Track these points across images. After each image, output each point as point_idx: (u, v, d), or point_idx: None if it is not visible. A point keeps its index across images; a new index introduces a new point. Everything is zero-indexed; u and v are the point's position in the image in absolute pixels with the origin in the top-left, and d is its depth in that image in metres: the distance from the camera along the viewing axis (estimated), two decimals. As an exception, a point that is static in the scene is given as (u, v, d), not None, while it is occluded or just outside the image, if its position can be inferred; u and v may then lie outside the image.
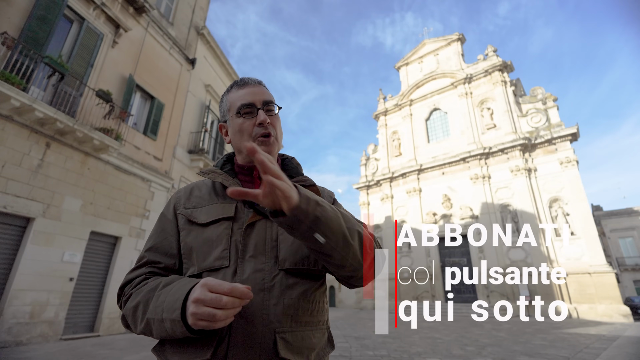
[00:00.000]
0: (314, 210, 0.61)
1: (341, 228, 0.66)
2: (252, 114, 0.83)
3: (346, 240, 0.67)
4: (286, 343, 0.68)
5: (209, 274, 0.71)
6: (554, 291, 14.22)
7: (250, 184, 0.86)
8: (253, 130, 0.82)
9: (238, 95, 0.85)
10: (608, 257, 24.95)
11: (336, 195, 0.99)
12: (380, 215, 22.33)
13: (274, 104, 0.86)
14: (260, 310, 0.68)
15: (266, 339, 0.66)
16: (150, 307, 0.65)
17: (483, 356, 5.49)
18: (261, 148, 0.81)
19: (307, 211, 0.60)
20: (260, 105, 0.83)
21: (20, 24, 6.22)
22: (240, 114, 0.83)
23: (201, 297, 0.57)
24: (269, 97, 0.86)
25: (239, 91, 0.85)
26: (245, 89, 0.85)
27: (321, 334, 0.78)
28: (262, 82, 0.90)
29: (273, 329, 0.67)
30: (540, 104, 17.58)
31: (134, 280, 0.75)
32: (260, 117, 0.81)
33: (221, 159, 0.93)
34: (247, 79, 0.88)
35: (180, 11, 11.42)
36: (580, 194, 14.88)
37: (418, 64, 23.98)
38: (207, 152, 11.37)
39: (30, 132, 6.15)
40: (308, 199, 0.61)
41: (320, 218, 0.62)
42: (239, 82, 0.88)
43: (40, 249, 6.14)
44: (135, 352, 5.54)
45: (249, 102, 0.83)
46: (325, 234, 0.63)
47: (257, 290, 0.69)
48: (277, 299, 0.70)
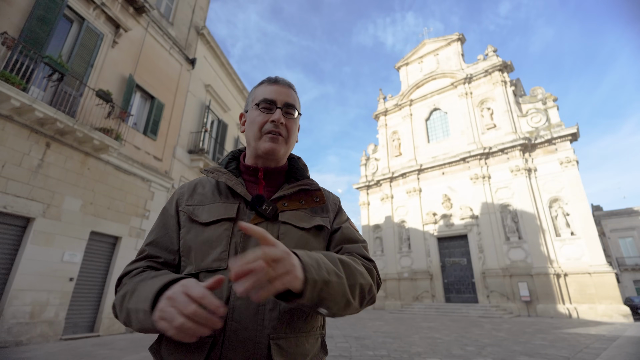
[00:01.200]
0: (319, 293, 0.60)
1: (345, 295, 0.65)
2: (270, 110, 0.84)
3: (347, 303, 0.67)
4: (280, 349, 0.67)
5: (206, 275, 0.70)
6: (554, 291, 14.21)
7: (254, 184, 0.85)
8: (265, 126, 0.83)
9: (265, 90, 0.86)
10: (608, 257, 24.97)
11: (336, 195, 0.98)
12: (380, 215, 22.31)
13: (295, 108, 0.87)
14: (256, 316, 0.67)
15: (260, 345, 0.66)
16: (133, 297, 0.65)
17: (483, 356, 5.49)
18: (268, 145, 0.82)
19: (309, 298, 0.59)
20: (281, 105, 0.84)
21: (20, 24, 6.22)
22: (260, 107, 0.84)
23: (173, 295, 0.54)
24: (293, 100, 0.87)
25: (268, 87, 0.86)
26: (274, 86, 0.86)
27: (315, 339, 0.77)
28: (293, 86, 0.90)
29: (267, 334, 0.67)
30: (540, 104, 17.57)
31: (132, 272, 0.75)
32: (276, 115, 0.82)
33: (226, 157, 0.93)
34: (281, 78, 0.89)
35: (180, 11, 11.43)
36: (580, 194, 14.87)
37: (418, 64, 23.98)
38: (207, 152, 11.37)
39: (30, 132, 6.15)
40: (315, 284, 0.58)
41: (326, 298, 0.61)
42: (272, 78, 0.89)
43: (40, 249, 6.14)
44: (135, 352, 5.54)
45: (272, 98, 0.84)
46: (329, 307, 0.63)
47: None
48: (274, 304, 0.69)
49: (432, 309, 16.39)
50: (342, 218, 0.90)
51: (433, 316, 14.68)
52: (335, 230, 0.86)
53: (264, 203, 0.77)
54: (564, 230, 14.99)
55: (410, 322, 11.58)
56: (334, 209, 0.91)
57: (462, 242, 17.98)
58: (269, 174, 0.86)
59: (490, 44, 20.32)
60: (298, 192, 0.84)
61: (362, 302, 0.72)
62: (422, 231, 19.51)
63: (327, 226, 0.85)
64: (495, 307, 15.07)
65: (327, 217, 0.87)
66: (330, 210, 0.89)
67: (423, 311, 16.40)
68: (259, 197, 0.77)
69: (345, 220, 0.90)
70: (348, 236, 0.85)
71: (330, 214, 0.88)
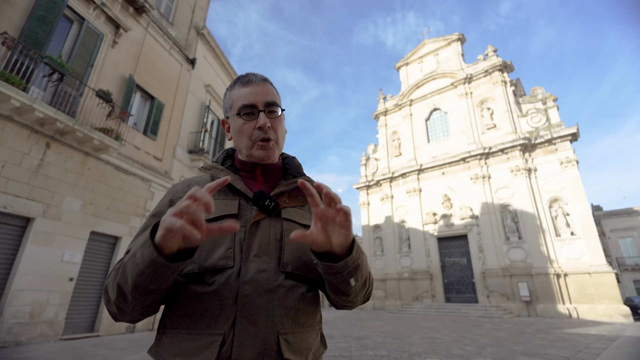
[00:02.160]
0: (358, 258, 0.67)
1: (367, 273, 0.73)
2: (253, 116, 0.81)
3: (364, 284, 0.73)
4: (288, 344, 0.68)
5: (212, 275, 0.69)
6: (554, 291, 14.21)
7: (252, 180, 0.85)
8: (253, 134, 0.81)
9: (240, 93, 0.83)
10: (608, 257, 24.96)
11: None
12: (380, 215, 22.30)
13: (277, 105, 0.84)
14: (265, 312, 0.67)
15: (270, 340, 0.66)
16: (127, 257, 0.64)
17: (483, 356, 5.49)
18: (261, 152, 0.81)
19: (355, 258, 0.66)
20: (262, 107, 0.81)
21: (20, 24, 6.22)
22: (241, 115, 0.81)
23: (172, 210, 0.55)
24: (272, 97, 0.83)
25: (242, 89, 0.83)
26: (248, 87, 0.82)
27: (315, 334, 0.78)
28: (267, 79, 0.86)
29: (276, 330, 0.67)
30: (540, 104, 17.57)
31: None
32: (261, 121, 0.79)
33: (221, 155, 0.92)
34: (252, 75, 0.85)
35: (180, 11, 11.43)
36: (580, 194, 14.87)
37: (418, 64, 23.98)
38: (207, 152, 11.37)
39: (30, 132, 6.15)
40: (359, 245, 0.66)
41: (360, 265, 0.68)
42: (243, 78, 0.85)
43: (40, 249, 6.14)
44: (135, 352, 5.54)
45: (251, 103, 0.81)
46: (357, 279, 0.69)
47: (261, 291, 0.68)
48: (280, 301, 0.70)
49: (432, 309, 16.39)
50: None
51: (433, 316, 14.68)
52: None
53: (267, 199, 0.76)
54: (564, 230, 14.98)
55: (410, 322, 11.58)
56: None
57: (462, 242, 17.98)
58: (266, 170, 0.86)
59: (490, 44, 20.32)
60: (296, 189, 0.84)
61: (366, 291, 0.78)
62: (422, 231, 19.50)
63: None
64: (495, 307, 15.07)
65: None
66: None
67: (423, 311, 16.39)
68: (261, 193, 0.76)
69: None
70: None
71: None
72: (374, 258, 21.79)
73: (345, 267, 0.65)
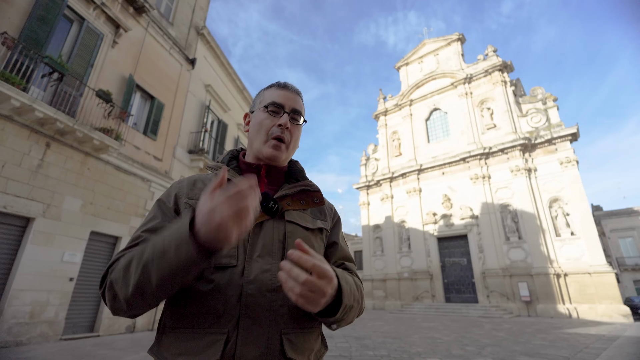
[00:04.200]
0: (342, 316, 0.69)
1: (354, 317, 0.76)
2: (277, 114, 0.85)
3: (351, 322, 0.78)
4: (291, 344, 0.69)
5: (215, 272, 0.69)
6: (554, 291, 14.21)
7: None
8: (271, 129, 0.84)
9: (274, 93, 0.88)
10: (608, 257, 24.96)
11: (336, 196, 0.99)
12: (380, 215, 22.31)
13: (301, 115, 0.89)
14: (268, 311, 0.68)
15: (273, 340, 0.67)
16: (147, 252, 0.60)
17: (483, 356, 5.49)
18: (271, 151, 0.83)
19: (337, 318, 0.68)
20: (289, 110, 0.86)
21: (20, 24, 6.21)
22: (267, 109, 0.86)
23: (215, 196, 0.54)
24: (300, 107, 0.89)
25: (277, 91, 0.88)
26: (283, 91, 0.88)
27: (317, 335, 0.79)
28: (301, 93, 0.93)
29: (279, 330, 0.68)
30: (540, 104, 17.57)
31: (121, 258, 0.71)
32: (283, 120, 0.84)
33: (226, 156, 0.93)
34: (290, 84, 0.91)
35: (180, 11, 11.42)
36: (580, 194, 14.86)
37: (418, 64, 23.98)
38: (207, 152, 11.37)
39: (30, 132, 6.15)
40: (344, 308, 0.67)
41: (344, 320, 0.71)
42: (282, 83, 0.91)
43: (40, 249, 6.14)
44: (135, 352, 5.54)
45: (280, 102, 0.86)
46: (340, 325, 0.72)
47: (265, 291, 0.69)
48: (283, 301, 0.70)
49: (432, 309, 16.39)
50: (339, 230, 0.95)
51: (433, 316, 14.68)
52: (334, 242, 0.91)
53: (271, 200, 0.78)
54: (564, 230, 14.98)
55: (410, 322, 11.58)
56: (331, 214, 0.94)
57: (462, 242, 17.98)
58: (270, 172, 0.87)
59: (490, 44, 20.33)
60: (299, 193, 0.86)
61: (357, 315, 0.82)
62: (422, 231, 19.50)
63: (327, 229, 0.90)
64: (495, 307, 15.07)
65: (326, 221, 0.91)
66: (327, 214, 0.92)
67: (423, 311, 16.39)
68: (265, 195, 0.78)
69: (341, 234, 0.96)
70: (347, 254, 0.92)
71: (328, 218, 0.92)
72: (374, 258, 21.80)
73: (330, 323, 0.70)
